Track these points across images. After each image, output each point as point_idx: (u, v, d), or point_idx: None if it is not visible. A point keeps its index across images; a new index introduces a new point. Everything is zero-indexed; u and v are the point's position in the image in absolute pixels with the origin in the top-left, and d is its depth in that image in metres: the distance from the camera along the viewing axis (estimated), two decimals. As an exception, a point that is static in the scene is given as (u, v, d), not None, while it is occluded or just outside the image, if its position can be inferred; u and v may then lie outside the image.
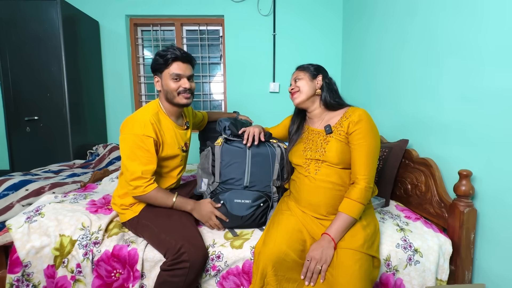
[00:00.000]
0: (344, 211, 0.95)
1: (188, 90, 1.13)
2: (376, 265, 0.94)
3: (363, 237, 0.93)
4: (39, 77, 2.15)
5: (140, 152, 1.05)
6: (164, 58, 1.08)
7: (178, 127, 1.23)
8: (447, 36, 1.22)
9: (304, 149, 1.11)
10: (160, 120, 1.14)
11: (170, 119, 1.19)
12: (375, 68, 1.92)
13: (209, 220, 1.11)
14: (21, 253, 1.01)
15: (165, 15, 2.61)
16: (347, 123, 1.02)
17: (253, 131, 1.17)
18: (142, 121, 1.07)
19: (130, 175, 1.04)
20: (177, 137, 1.20)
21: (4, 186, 1.41)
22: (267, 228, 1.05)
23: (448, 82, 1.21)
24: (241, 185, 1.15)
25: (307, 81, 1.12)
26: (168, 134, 1.16)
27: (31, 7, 2.08)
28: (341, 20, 2.57)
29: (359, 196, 0.94)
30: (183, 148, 1.23)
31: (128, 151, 1.05)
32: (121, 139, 1.07)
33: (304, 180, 1.06)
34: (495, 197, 1.00)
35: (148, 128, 1.06)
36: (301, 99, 1.11)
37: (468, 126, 1.10)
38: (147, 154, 1.06)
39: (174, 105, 1.16)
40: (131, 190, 1.06)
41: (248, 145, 1.15)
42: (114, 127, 2.73)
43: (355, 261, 0.86)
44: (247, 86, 2.64)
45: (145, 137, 1.05)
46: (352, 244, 0.90)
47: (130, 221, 1.12)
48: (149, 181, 1.06)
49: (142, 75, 2.78)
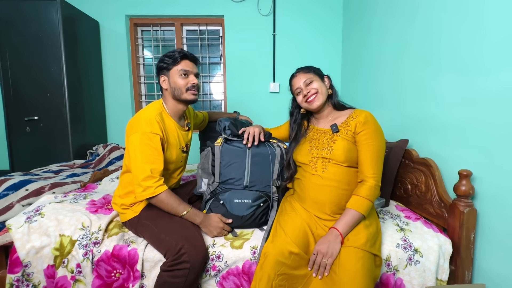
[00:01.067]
0: (352, 207, 0.96)
1: (195, 86, 1.15)
2: (378, 263, 0.94)
3: (366, 236, 0.93)
4: (39, 77, 2.15)
5: (149, 150, 1.04)
6: (172, 57, 1.12)
7: (180, 128, 1.23)
8: (447, 36, 1.22)
9: (310, 148, 1.12)
10: (164, 120, 1.14)
11: (173, 120, 1.19)
12: (375, 68, 1.92)
13: (217, 230, 1.07)
14: (21, 253, 1.01)
15: (165, 15, 2.61)
16: (354, 123, 1.04)
17: (253, 131, 1.17)
18: (148, 119, 1.07)
19: (140, 175, 1.01)
20: (179, 137, 1.20)
21: (4, 186, 1.41)
22: (273, 229, 1.03)
23: (448, 82, 1.21)
24: (241, 185, 1.15)
25: (319, 82, 1.12)
26: (171, 134, 1.16)
27: (31, 7, 2.08)
28: (341, 20, 2.58)
29: (368, 193, 0.96)
30: (183, 149, 1.23)
31: (137, 150, 1.03)
32: (129, 141, 1.06)
33: (311, 178, 1.07)
34: (495, 197, 1.00)
35: (155, 126, 1.07)
36: (322, 100, 1.10)
37: (468, 126, 1.10)
38: (155, 152, 1.05)
39: (180, 102, 1.17)
40: (140, 193, 1.02)
41: (249, 146, 1.15)
42: (114, 127, 2.73)
43: (358, 259, 0.87)
44: (247, 86, 2.64)
45: (152, 135, 1.05)
46: (355, 242, 0.91)
47: (130, 221, 1.11)
48: (158, 181, 1.03)
49: (142, 75, 2.78)
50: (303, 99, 1.12)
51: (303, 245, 0.95)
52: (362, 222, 0.99)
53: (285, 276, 0.89)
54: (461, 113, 1.14)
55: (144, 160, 1.02)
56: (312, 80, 1.11)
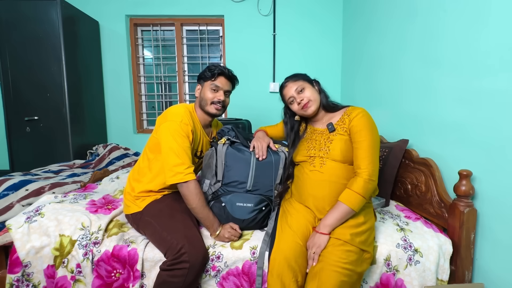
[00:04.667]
0: (342, 200, 0.96)
1: (221, 102, 1.20)
2: (367, 257, 0.95)
3: (354, 230, 0.95)
4: (39, 77, 2.15)
5: (180, 138, 1.08)
6: (212, 71, 1.18)
7: (205, 134, 1.27)
8: (447, 36, 1.22)
9: (307, 148, 1.13)
10: (193, 117, 1.19)
11: (199, 122, 1.24)
12: (375, 68, 1.92)
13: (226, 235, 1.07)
14: (21, 253, 1.01)
15: (165, 15, 2.61)
16: (348, 119, 1.06)
17: (261, 145, 1.17)
18: (180, 111, 1.14)
19: (172, 161, 1.05)
20: (201, 139, 1.23)
21: (4, 186, 1.41)
22: (278, 230, 1.03)
23: (448, 82, 1.21)
24: (244, 188, 1.15)
25: (311, 89, 1.13)
26: (196, 132, 1.19)
27: (31, 7, 2.08)
28: (341, 20, 2.58)
29: (359, 187, 0.96)
30: (197, 153, 1.25)
31: (170, 137, 1.07)
32: (160, 129, 1.10)
33: (309, 174, 1.08)
34: (495, 197, 1.00)
35: (187, 116, 1.13)
36: (315, 107, 1.11)
37: (468, 126, 1.10)
38: (186, 140, 1.09)
39: (204, 112, 1.23)
40: (171, 177, 1.05)
41: (262, 158, 1.15)
42: (114, 127, 2.73)
43: (342, 252, 0.90)
44: (247, 86, 2.63)
45: (184, 124, 1.10)
46: (342, 235, 0.93)
47: (133, 215, 1.12)
48: (188, 168, 1.06)
49: (142, 75, 2.78)
50: (299, 107, 1.12)
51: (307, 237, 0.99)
52: (356, 218, 0.99)
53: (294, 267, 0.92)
54: (461, 113, 1.14)
55: (175, 146, 1.06)
56: (303, 87, 1.11)
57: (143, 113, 2.82)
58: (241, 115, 2.57)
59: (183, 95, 2.78)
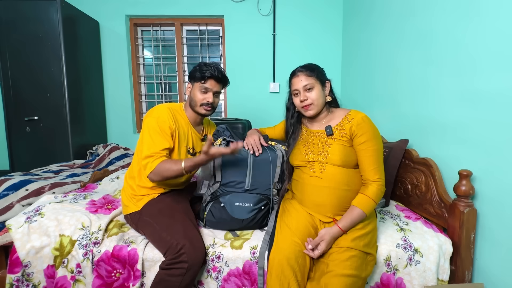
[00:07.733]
0: (358, 205, 0.98)
1: (210, 104, 1.20)
2: (370, 259, 0.95)
3: (359, 234, 0.96)
4: (39, 77, 2.15)
5: (154, 132, 1.10)
6: (202, 73, 1.18)
7: (195, 131, 1.27)
8: (446, 36, 1.22)
9: (305, 152, 1.10)
10: (175, 114, 1.20)
11: (187, 119, 1.24)
12: (375, 68, 1.92)
13: None
14: (21, 253, 1.01)
15: (165, 15, 2.61)
16: (349, 125, 1.03)
17: (253, 140, 1.16)
18: (159, 109, 1.16)
19: (143, 154, 1.07)
20: (189, 135, 1.23)
21: (4, 186, 1.41)
22: (277, 230, 1.03)
23: (448, 82, 1.21)
24: (242, 188, 1.15)
25: (319, 90, 1.07)
26: (181, 128, 1.20)
27: (31, 7, 2.08)
28: (341, 20, 2.57)
29: (374, 194, 0.98)
30: (189, 149, 1.24)
31: (145, 131, 1.11)
32: (142, 127, 1.15)
33: (309, 180, 1.06)
34: (495, 197, 1.00)
35: (166, 114, 1.14)
36: (315, 112, 1.08)
37: (468, 126, 1.10)
38: (160, 134, 1.10)
39: (194, 112, 1.24)
40: (144, 170, 1.07)
41: (257, 154, 1.14)
42: (114, 127, 2.73)
43: (348, 257, 0.90)
44: (247, 86, 2.64)
45: (161, 120, 1.12)
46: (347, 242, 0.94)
47: (132, 215, 1.13)
48: (155, 158, 1.06)
49: (142, 75, 2.78)
50: (300, 104, 1.09)
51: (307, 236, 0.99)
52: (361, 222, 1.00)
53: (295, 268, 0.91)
54: (461, 113, 1.14)
55: (148, 141, 1.09)
56: (312, 87, 1.06)
57: (143, 113, 2.82)
58: (241, 115, 2.58)
59: (183, 95, 2.78)
